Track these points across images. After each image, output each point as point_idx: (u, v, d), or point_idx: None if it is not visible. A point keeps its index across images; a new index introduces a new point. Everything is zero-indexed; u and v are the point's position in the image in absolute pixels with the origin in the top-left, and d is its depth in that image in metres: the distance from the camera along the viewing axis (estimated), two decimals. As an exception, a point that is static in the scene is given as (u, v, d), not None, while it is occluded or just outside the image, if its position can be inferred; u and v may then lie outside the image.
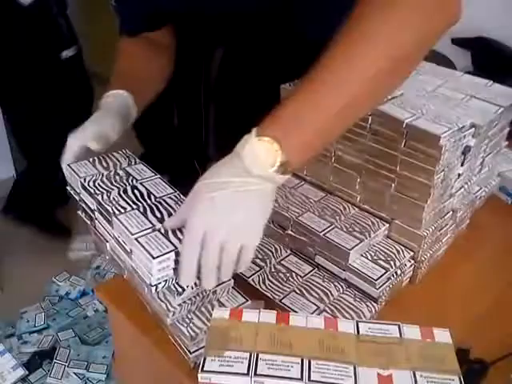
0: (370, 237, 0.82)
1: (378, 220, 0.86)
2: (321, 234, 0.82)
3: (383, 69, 0.63)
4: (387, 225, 0.85)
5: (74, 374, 1.60)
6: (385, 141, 0.81)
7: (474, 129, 0.81)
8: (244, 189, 0.63)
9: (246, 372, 0.57)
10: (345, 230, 0.83)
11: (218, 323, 0.64)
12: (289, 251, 0.88)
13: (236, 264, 0.66)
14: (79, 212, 0.87)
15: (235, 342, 0.61)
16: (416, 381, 0.57)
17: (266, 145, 0.62)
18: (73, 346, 1.71)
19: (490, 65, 1.30)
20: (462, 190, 0.89)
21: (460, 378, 0.58)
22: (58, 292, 1.96)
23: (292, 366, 0.58)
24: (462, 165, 0.85)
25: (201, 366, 0.58)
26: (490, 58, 1.86)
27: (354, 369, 0.58)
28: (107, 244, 0.80)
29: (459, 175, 0.86)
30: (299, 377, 0.57)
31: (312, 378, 0.56)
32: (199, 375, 0.57)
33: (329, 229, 0.84)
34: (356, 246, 0.80)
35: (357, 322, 0.64)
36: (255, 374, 0.57)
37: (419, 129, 0.76)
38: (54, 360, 1.65)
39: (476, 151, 0.88)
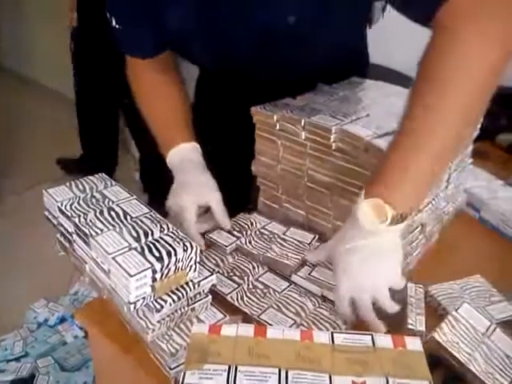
0: None
1: None
2: None
3: (468, 105, 0.71)
4: None
5: (54, 401, 1.59)
6: (350, 158, 0.85)
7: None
8: (372, 249, 0.73)
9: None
10: None
11: (198, 338, 0.65)
12: (266, 268, 0.91)
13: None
14: (58, 236, 0.88)
15: (214, 356, 0.62)
16: (389, 387, 0.59)
17: (373, 204, 0.72)
18: (52, 372, 1.68)
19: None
20: (430, 205, 0.93)
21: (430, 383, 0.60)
22: (37, 319, 1.93)
23: (270, 377, 0.60)
24: (428, 181, 0.89)
25: (181, 379, 0.59)
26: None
27: (330, 378, 0.60)
28: (86, 266, 0.82)
29: (426, 191, 0.90)
30: (277, 387, 0.59)
31: (289, 388, 0.59)
32: (180, 389, 0.59)
33: None
34: None
35: (332, 333, 0.66)
36: (234, 386, 0.59)
37: (376, 146, 0.80)
38: (33, 388, 1.63)
39: (441, 168, 0.92)
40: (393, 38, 1.78)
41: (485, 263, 1.00)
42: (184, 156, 0.99)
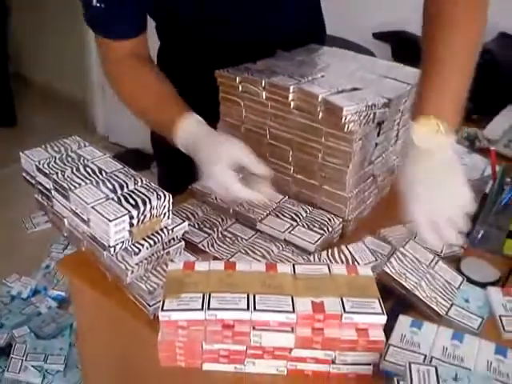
0: (328, 231, 0.94)
1: (332, 216, 0.97)
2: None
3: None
4: (341, 219, 0.97)
5: (32, 366, 1.63)
6: (307, 115, 0.93)
7: (385, 101, 0.94)
8: (432, 170, 0.80)
9: (200, 308, 0.67)
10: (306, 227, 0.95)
11: (174, 273, 0.73)
12: (234, 220, 0.99)
13: None
14: (36, 195, 0.93)
15: (190, 287, 0.70)
16: (343, 304, 0.68)
17: (422, 121, 0.81)
18: (29, 341, 1.73)
19: (408, 57, 1.47)
20: (381, 158, 1.02)
21: (379, 301, 0.70)
22: (10, 293, 1.97)
23: (240, 300, 0.68)
24: (378, 135, 0.98)
25: (160, 307, 0.67)
26: (408, 51, 2.04)
27: (292, 299, 0.68)
28: (65, 220, 0.88)
29: (376, 144, 0.99)
30: (246, 308, 0.67)
31: (257, 308, 0.67)
32: (160, 314, 0.66)
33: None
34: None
35: (293, 265, 0.75)
36: (209, 309, 0.66)
37: (330, 102, 0.89)
38: (11, 355, 1.67)
39: (390, 124, 1.01)
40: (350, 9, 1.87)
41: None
42: (195, 126, 0.95)
